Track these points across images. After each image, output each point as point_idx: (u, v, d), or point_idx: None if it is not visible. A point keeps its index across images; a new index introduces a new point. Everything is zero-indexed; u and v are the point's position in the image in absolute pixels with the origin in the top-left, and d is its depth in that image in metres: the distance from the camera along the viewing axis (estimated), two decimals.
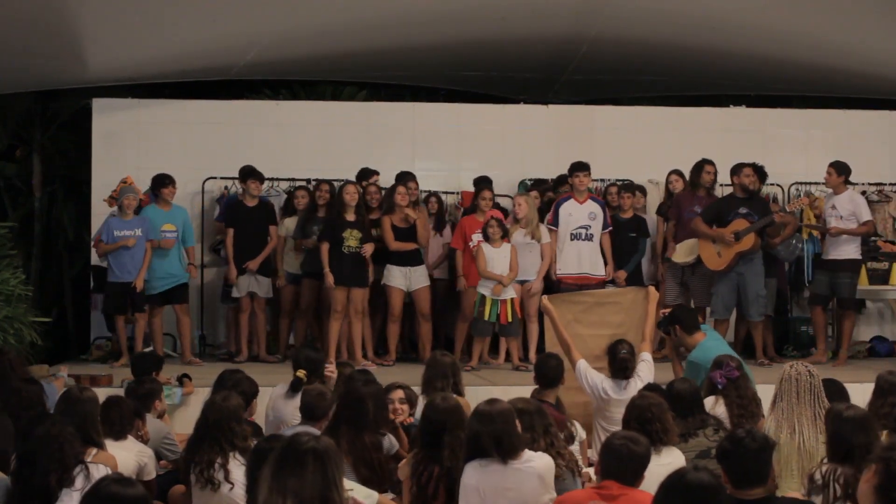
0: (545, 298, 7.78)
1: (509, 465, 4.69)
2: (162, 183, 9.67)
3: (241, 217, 9.88)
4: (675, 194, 10.34)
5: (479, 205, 9.86)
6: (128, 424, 5.66)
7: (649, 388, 6.20)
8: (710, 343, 7.17)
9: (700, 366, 6.85)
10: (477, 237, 9.60)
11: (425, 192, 10.67)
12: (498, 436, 4.68)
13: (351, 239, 9.38)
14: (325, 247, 9.39)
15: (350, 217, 9.44)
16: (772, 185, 10.88)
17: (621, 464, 4.34)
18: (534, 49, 11.33)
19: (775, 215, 9.58)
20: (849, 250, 9.70)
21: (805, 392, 5.44)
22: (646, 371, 6.87)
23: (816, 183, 10.76)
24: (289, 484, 3.36)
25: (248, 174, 9.93)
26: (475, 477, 4.68)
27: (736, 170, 9.87)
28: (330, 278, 9.34)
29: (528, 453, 4.78)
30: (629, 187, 10.50)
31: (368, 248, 9.40)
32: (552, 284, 9.58)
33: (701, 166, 10.19)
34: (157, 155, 10.89)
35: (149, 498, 3.57)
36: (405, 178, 10.16)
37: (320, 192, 9.99)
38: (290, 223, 10.12)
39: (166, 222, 9.62)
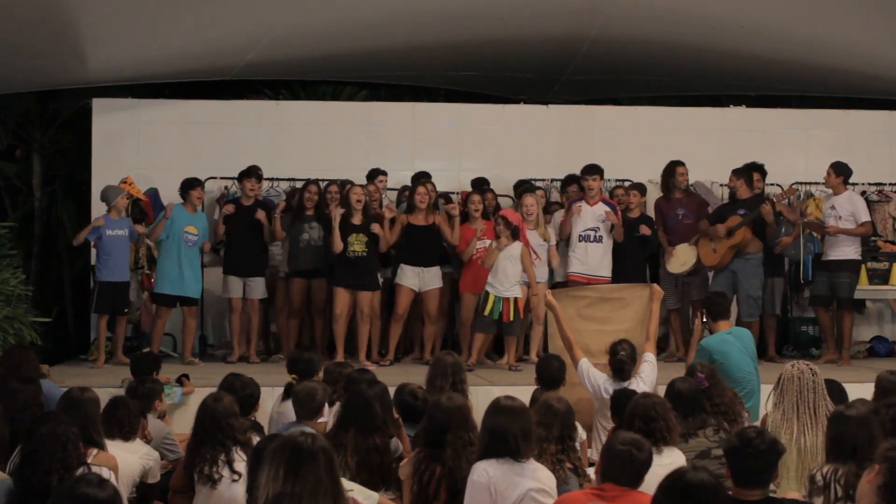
0: (549, 293, 7.77)
1: (521, 465, 4.60)
2: (191, 185, 9.74)
3: (237, 216, 9.86)
4: (655, 202, 10.36)
5: (469, 209, 9.82)
6: (136, 424, 5.66)
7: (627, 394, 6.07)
8: (727, 337, 7.25)
9: (707, 352, 7.11)
10: (481, 244, 9.55)
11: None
12: (525, 432, 4.61)
13: (356, 243, 9.33)
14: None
15: (356, 221, 9.40)
16: (772, 185, 10.88)
17: (623, 469, 4.30)
18: (534, 49, 11.33)
19: (761, 207, 9.58)
20: (848, 251, 9.72)
21: (808, 391, 5.42)
22: (648, 372, 6.86)
23: (816, 183, 10.76)
24: (307, 481, 3.37)
25: (244, 175, 9.94)
26: (486, 475, 4.56)
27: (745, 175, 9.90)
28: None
29: (532, 461, 4.70)
30: (637, 186, 10.49)
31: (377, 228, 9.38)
32: (558, 285, 9.56)
33: (673, 169, 10.19)
34: (157, 155, 10.91)
35: (119, 499, 3.53)
36: (423, 177, 10.13)
37: (308, 192, 9.90)
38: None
39: (189, 224, 9.65)
